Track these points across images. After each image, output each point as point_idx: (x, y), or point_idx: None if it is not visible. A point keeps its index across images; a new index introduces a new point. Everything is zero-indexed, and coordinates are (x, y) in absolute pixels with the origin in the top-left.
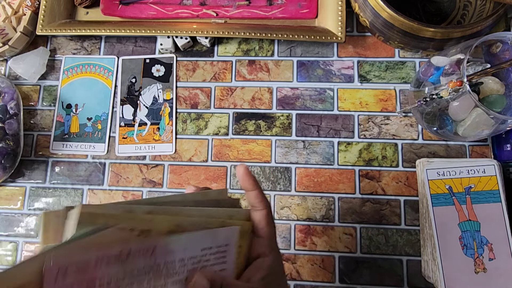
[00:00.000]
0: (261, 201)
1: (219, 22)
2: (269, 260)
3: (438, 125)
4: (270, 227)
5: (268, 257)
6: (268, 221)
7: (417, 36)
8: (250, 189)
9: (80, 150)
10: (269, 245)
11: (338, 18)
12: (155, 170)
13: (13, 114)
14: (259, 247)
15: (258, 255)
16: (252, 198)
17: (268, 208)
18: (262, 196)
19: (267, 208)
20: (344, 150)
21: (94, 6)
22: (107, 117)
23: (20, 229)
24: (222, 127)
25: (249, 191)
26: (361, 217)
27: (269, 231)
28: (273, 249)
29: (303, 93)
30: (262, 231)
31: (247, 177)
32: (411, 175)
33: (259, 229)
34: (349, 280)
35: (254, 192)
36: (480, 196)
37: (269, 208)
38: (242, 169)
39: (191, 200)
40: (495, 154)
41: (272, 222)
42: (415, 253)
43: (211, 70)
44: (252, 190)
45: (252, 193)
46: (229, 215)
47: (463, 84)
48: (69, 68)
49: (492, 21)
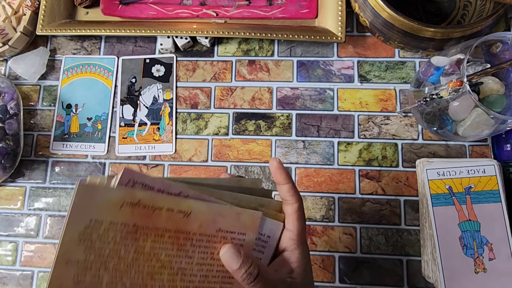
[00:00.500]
0: (293, 195)
1: (219, 22)
2: (297, 254)
3: (438, 125)
4: (300, 221)
5: (296, 251)
6: (299, 215)
7: (417, 36)
8: (283, 182)
9: (80, 150)
10: (299, 239)
11: (338, 18)
12: (155, 170)
13: (13, 114)
14: (289, 240)
15: (285, 248)
16: (285, 191)
17: (300, 202)
18: (295, 190)
19: (299, 202)
20: (344, 150)
21: (94, 6)
22: (107, 117)
23: (20, 229)
24: (222, 127)
25: (282, 185)
26: (361, 217)
27: (299, 225)
28: (302, 243)
29: (303, 93)
30: (293, 224)
31: (280, 170)
32: (411, 175)
33: (289, 222)
34: (349, 280)
35: (286, 186)
36: (480, 196)
37: (301, 202)
38: (276, 162)
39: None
40: (495, 154)
41: (303, 216)
42: (415, 253)
43: (211, 70)
44: (285, 184)
45: (284, 187)
46: (261, 204)
47: (463, 84)
48: (69, 68)
49: (492, 21)
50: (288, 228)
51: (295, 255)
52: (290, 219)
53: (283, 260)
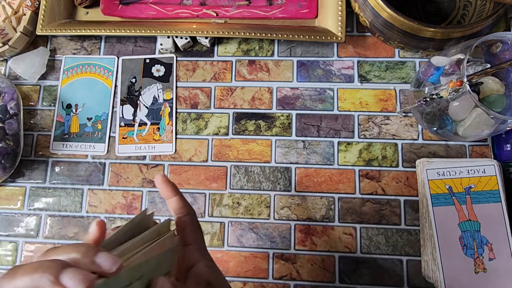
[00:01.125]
0: (182, 207)
1: (219, 22)
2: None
3: (438, 125)
4: (196, 232)
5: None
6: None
7: (417, 36)
8: (170, 196)
9: (80, 150)
10: (200, 250)
11: (338, 18)
12: (155, 170)
13: (13, 114)
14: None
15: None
16: (174, 205)
17: (191, 214)
18: (184, 202)
19: (190, 214)
20: (344, 150)
21: (94, 6)
22: (107, 117)
23: (20, 229)
24: (222, 127)
25: (169, 198)
26: (361, 217)
27: (196, 237)
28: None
29: (303, 93)
30: (190, 236)
31: (165, 184)
32: (411, 175)
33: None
34: (349, 280)
35: (174, 199)
36: (480, 196)
37: (192, 214)
38: (160, 177)
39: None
40: (495, 154)
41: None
42: (415, 253)
43: (211, 70)
44: (173, 197)
45: (172, 200)
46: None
47: (463, 84)
48: (69, 68)
49: (492, 21)
50: (188, 242)
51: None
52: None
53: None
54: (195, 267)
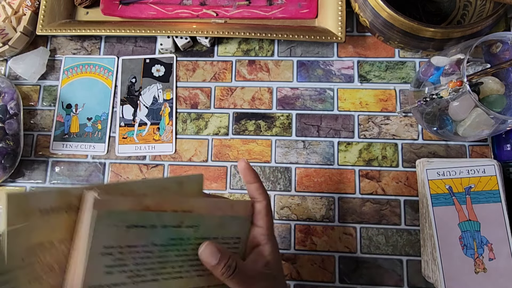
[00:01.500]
0: (261, 193)
1: (219, 22)
2: (269, 247)
3: (438, 125)
4: (269, 217)
5: (268, 244)
6: (267, 211)
7: (417, 36)
8: (251, 181)
9: (80, 150)
10: (269, 234)
11: (338, 18)
12: (155, 170)
13: (13, 114)
14: (259, 236)
15: (257, 243)
16: (253, 190)
17: (267, 200)
18: (262, 189)
19: (267, 200)
20: (344, 150)
21: (94, 6)
22: (107, 117)
23: None
24: (222, 127)
25: (250, 184)
26: (361, 217)
27: (268, 221)
28: (272, 238)
29: (303, 93)
30: (262, 221)
31: (248, 171)
32: (411, 175)
33: (258, 219)
34: (349, 280)
35: (255, 185)
36: (480, 196)
37: (268, 200)
38: (243, 163)
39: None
40: (495, 154)
41: (270, 212)
42: (415, 253)
43: (211, 70)
44: (253, 183)
45: (253, 186)
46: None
47: (463, 84)
48: (69, 68)
49: (492, 21)
50: (258, 224)
51: (268, 249)
52: (260, 215)
53: (257, 254)
54: (260, 247)
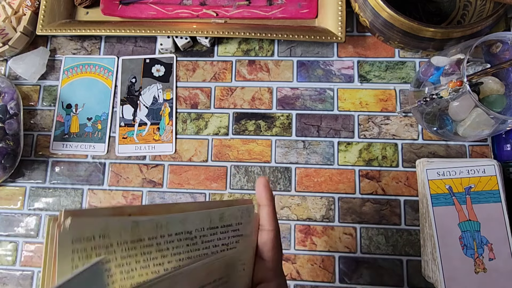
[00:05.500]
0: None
1: (219, 22)
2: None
3: (438, 125)
4: (276, 250)
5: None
6: (275, 244)
7: (417, 36)
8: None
9: (80, 150)
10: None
11: (338, 18)
12: (155, 170)
13: (13, 114)
14: (263, 271)
15: (261, 279)
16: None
17: (277, 230)
18: (274, 216)
19: (276, 230)
20: (344, 150)
21: (94, 6)
22: (107, 117)
23: (20, 229)
24: (222, 127)
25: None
26: (361, 217)
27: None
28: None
29: (303, 93)
30: (268, 253)
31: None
32: (411, 175)
33: (264, 251)
34: (349, 280)
35: (267, 209)
36: (480, 196)
37: (277, 230)
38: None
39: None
40: (495, 154)
41: (279, 245)
42: (415, 253)
43: (211, 70)
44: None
45: (265, 209)
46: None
47: (463, 84)
48: (69, 68)
49: (492, 21)
50: (263, 257)
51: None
52: (266, 247)
53: None
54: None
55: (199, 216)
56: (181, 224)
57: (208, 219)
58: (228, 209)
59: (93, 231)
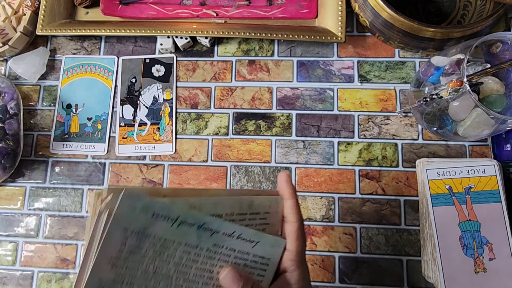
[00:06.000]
0: (295, 213)
1: (219, 22)
2: (297, 275)
3: (438, 125)
4: (300, 241)
5: (296, 272)
6: (299, 235)
7: (417, 36)
8: (287, 197)
9: (80, 150)
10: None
11: (338, 18)
12: (155, 170)
13: (13, 114)
14: (288, 261)
15: (285, 269)
16: (287, 208)
17: (300, 222)
18: (298, 208)
19: (300, 222)
20: (344, 150)
21: (94, 6)
22: (107, 117)
23: (20, 229)
24: (222, 127)
25: (286, 199)
26: (361, 217)
27: (298, 246)
28: (301, 265)
29: (303, 93)
30: (292, 244)
31: (287, 184)
32: (411, 175)
33: (289, 241)
34: (349, 280)
35: (290, 202)
36: (480, 196)
37: (301, 222)
38: (284, 176)
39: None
40: (495, 154)
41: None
42: (415, 253)
43: (211, 70)
44: (289, 199)
45: (288, 202)
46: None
47: (463, 84)
48: (69, 68)
49: (492, 21)
50: (287, 247)
51: (296, 276)
52: (290, 238)
53: (283, 281)
54: (287, 273)
55: (230, 202)
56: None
57: (239, 205)
58: (258, 198)
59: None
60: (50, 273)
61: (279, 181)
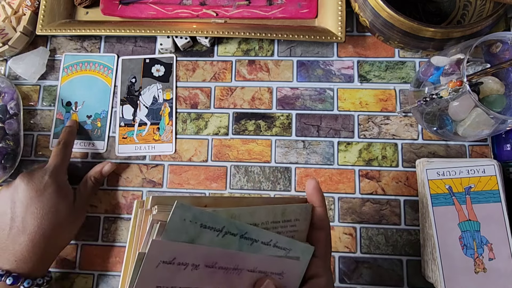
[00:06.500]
0: (324, 220)
1: (219, 22)
2: (324, 281)
3: (438, 125)
4: (327, 248)
5: (323, 277)
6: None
7: (417, 36)
8: (318, 205)
9: (79, 147)
10: (325, 266)
11: (338, 18)
12: (155, 170)
13: (13, 114)
14: (314, 267)
15: (312, 275)
16: (317, 215)
17: (328, 229)
18: (326, 216)
19: (328, 229)
20: (344, 150)
21: (94, 6)
22: (107, 115)
23: None
24: (222, 127)
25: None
26: (361, 217)
27: (326, 253)
28: (327, 271)
29: (303, 93)
30: (320, 251)
31: (316, 192)
32: (411, 175)
33: (317, 248)
34: (349, 280)
35: (320, 209)
36: (480, 196)
37: (329, 229)
38: (313, 183)
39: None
40: (495, 154)
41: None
42: (415, 253)
43: (211, 70)
44: (319, 207)
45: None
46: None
47: (463, 84)
48: (69, 66)
49: (492, 21)
50: (315, 254)
51: (323, 282)
52: (318, 245)
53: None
54: (315, 279)
55: (265, 210)
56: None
57: (273, 213)
58: (290, 206)
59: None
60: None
61: (308, 188)
